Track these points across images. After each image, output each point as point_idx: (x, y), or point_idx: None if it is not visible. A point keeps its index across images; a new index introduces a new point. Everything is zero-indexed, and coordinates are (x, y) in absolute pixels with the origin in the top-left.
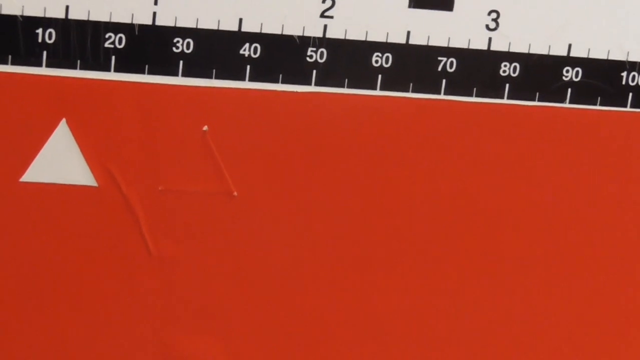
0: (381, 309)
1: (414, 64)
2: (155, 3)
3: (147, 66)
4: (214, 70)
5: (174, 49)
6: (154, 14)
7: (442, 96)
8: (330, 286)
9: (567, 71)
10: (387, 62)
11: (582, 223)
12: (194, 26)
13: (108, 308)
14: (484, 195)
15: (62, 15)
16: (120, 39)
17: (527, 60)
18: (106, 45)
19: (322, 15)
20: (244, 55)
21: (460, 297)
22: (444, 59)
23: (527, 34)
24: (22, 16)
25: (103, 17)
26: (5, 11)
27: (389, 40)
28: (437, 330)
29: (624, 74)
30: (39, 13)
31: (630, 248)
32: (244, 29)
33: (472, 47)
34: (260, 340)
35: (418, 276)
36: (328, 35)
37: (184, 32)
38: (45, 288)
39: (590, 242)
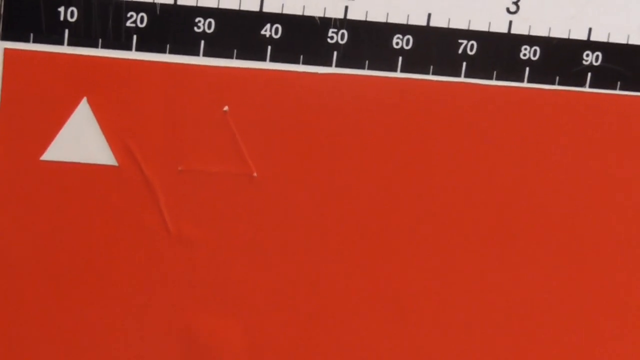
0: (402, 290)
1: (435, 47)
2: None
3: (168, 46)
4: (235, 51)
5: (196, 28)
6: None
7: (462, 79)
8: (350, 267)
9: (587, 55)
10: (407, 44)
11: (602, 207)
12: (216, 6)
13: (127, 287)
14: (504, 178)
15: None
16: (142, 18)
17: (547, 44)
18: (128, 24)
19: None
20: (265, 35)
21: (481, 279)
22: (465, 42)
23: (547, 17)
24: None
25: None
26: None
27: (409, 22)
28: (455, 310)
29: None
30: None
31: None
32: (265, 10)
33: (492, 30)
34: (280, 320)
35: (437, 254)
36: (349, 17)
37: (205, 12)
38: (64, 267)
39: (611, 226)
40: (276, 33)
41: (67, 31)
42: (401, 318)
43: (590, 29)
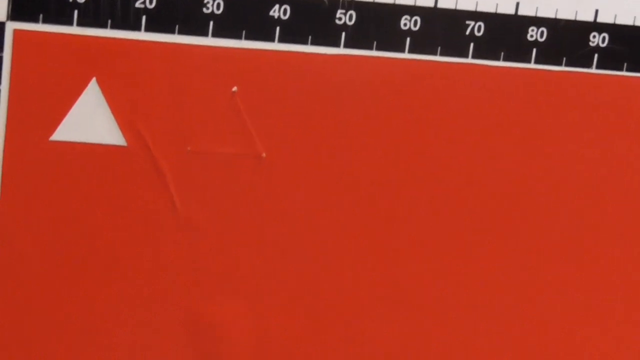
0: (408, 277)
1: (442, 28)
2: None
3: (177, 26)
4: (244, 31)
5: (204, 9)
6: None
7: (469, 60)
8: (358, 251)
9: (594, 37)
10: (415, 25)
11: (609, 188)
12: None
13: (134, 268)
14: (511, 159)
15: None
16: None
17: (554, 25)
18: (137, 5)
19: None
20: (273, 16)
21: (487, 273)
22: (472, 23)
23: None
24: None
25: None
26: None
27: (417, 4)
28: (461, 307)
29: None
30: None
31: None
32: None
33: (499, 11)
34: (286, 303)
35: (443, 239)
36: None
37: None
38: (72, 246)
39: (618, 208)
40: (285, 14)
41: (76, 12)
42: (409, 301)
43: (597, 11)
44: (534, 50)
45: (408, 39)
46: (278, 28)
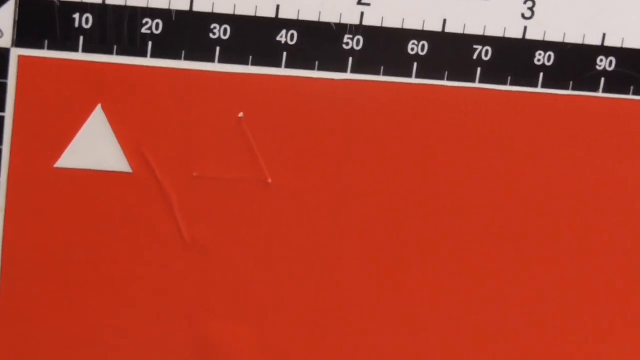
0: (413, 300)
1: (450, 52)
2: None
3: (183, 52)
4: (251, 57)
5: (211, 35)
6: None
7: (477, 84)
8: (363, 275)
9: (601, 60)
10: (423, 50)
11: (617, 211)
12: (232, 12)
13: (141, 294)
14: (519, 183)
15: (99, 1)
16: (157, 24)
17: (562, 49)
18: (143, 30)
19: (359, 3)
20: (280, 42)
21: (492, 281)
22: (480, 47)
23: (562, 23)
24: (59, 1)
25: (140, 3)
26: None
27: (425, 28)
28: (464, 312)
29: None
30: None
31: None
32: (281, 16)
33: (507, 35)
34: (292, 327)
35: (450, 261)
36: (365, 23)
37: (221, 18)
38: (78, 273)
39: (626, 229)
40: (292, 39)
41: (82, 38)
42: (414, 324)
43: (604, 35)
44: (541, 75)
45: (415, 64)
46: (285, 53)
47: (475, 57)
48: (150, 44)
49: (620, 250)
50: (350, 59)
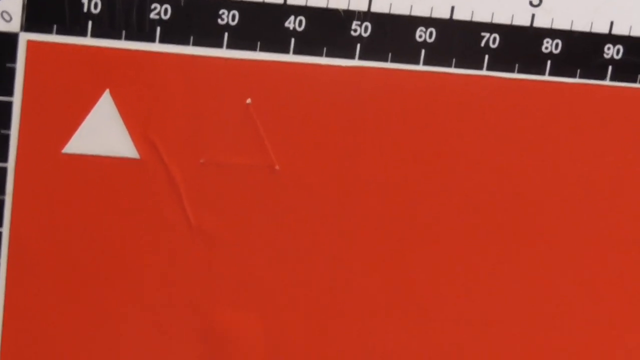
0: (421, 287)
1: (458, 39)
2: None
3: (192, 37)
4: (259, 43)
5: (219, 20)
6: None
7: (484, 72)
8: (370, 261)
9: (609, 48)
10: (430, 37)
11: (622, 199)
12: None
13: (148, 279)
14: (525, 170)
15: None
16: (166, 9)
17: (569, 37)
18: (152, 16)
19: None
20: (288, 28)
21: (499, 276)
22: (487, 35)
23: (569, 10)
24: None
25: None
26: None
27: (433, 15)
28: (471, 306)
29: None
30: None
31: None
32: (289, 2)
33: (515, 23)
34: (299, 314)
35: (456, 250)
36: (373, 9)
37: (229, 4)
38: (85, 259)
39: (629, 215)
40: (300, 25)
41: (90, 23)
42: (420, 314)
43: (612, 23)
44: (549, 62)
45: (423, 51)
46: (293, 39)
47: (482, 44)
48: (158, 29)
49: (628, 236)
50: (358, 46)
